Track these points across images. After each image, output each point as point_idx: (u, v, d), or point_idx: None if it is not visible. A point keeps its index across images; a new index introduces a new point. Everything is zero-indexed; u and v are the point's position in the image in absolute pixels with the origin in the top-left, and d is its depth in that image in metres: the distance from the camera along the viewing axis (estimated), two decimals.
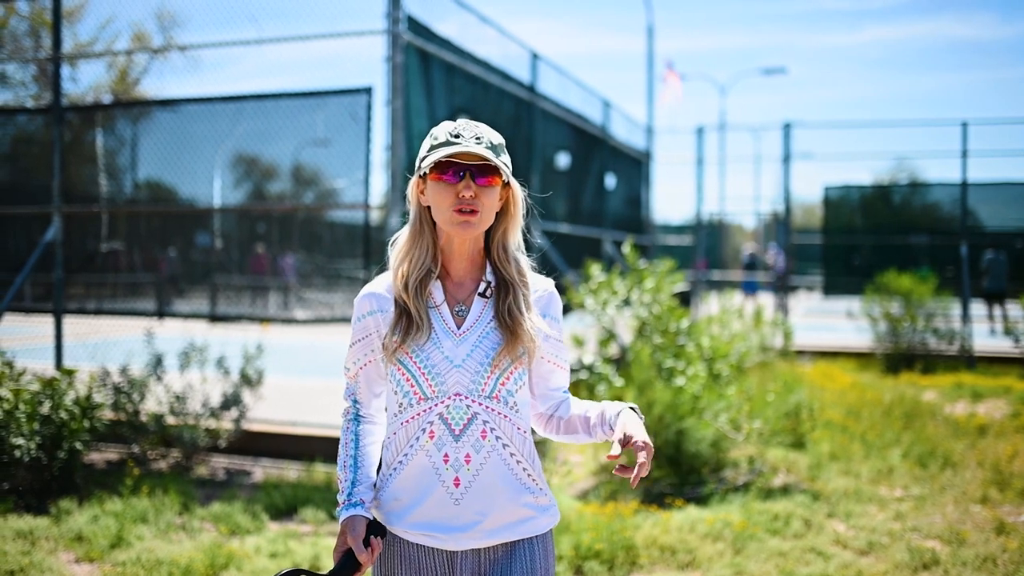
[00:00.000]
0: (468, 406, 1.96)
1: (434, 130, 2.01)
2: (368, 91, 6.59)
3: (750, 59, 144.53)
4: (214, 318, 7.60)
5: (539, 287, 2.10)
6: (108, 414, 6.24)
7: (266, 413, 7.02)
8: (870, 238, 14.73)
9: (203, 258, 8.02)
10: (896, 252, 14.21)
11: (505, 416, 1.99)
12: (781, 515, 5.21)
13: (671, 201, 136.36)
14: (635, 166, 15.05)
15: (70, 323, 7.62)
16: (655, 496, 5.72)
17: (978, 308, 14.62)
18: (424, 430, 1.96)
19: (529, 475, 2.03)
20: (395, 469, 2.01)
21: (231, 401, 6.57)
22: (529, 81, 9.16)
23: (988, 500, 5.62)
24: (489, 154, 1.94)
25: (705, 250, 18.65)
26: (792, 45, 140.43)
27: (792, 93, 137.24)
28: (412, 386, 1.97)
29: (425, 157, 1.99)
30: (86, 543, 4.68)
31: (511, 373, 1.99)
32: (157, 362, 6.56)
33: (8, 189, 8.61)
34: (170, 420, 6.42)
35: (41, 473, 5.50)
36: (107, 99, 21.95)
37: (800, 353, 12.55)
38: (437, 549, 1.97)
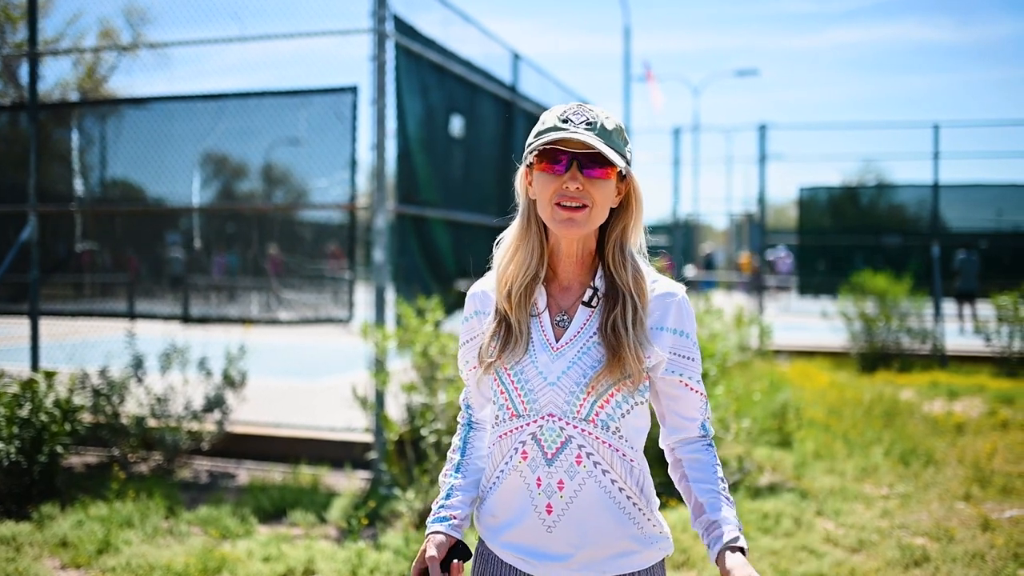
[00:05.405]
0: (562, 428, 1.75)
1: (544, 114, 1.80)
2: (354, 90, 6.54)
3: (723, 60, 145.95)
4: (190, 319, 7.48)
5: (661, 292, 1.82)
6: (87, 417, 6.13)
7: (250, 415, 6.93)
8: (844, 239, 14.89)
9: (179, 257, 7.89)
10: (869, 253, 14.39)
11: (605, 442, 1.76)
12: (771, 514, 5.24)
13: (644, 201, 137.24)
14: None
15: (46, 324, 7.48)
16: None
17: (949, 307, 14.84)
18: (517, 449, 1.79)
19: (635, 504, 1.80)
20: (493, 484, 1.86)
21: (214, 403, 6.48)
22: (511, 81, 9.14)
23: (971, 497, 5.70)
24: (598, 142, 1.69)
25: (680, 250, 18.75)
26: (763, 47, 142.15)
27: (764, 94, 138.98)
28: (506, 401, 1.80)
29: (531, 144, 1.77)
30: (71, 549, 4.58)
31: (610, 397, 1.75)
32: (137, 364, 6.45)
33: None
34: (151, 422, 6.31)
35: (21, 477, 5.38)
36: (74, 96, 21.60)
37: (777, 352, 12.66)
38: (529, 574, 1.82)
